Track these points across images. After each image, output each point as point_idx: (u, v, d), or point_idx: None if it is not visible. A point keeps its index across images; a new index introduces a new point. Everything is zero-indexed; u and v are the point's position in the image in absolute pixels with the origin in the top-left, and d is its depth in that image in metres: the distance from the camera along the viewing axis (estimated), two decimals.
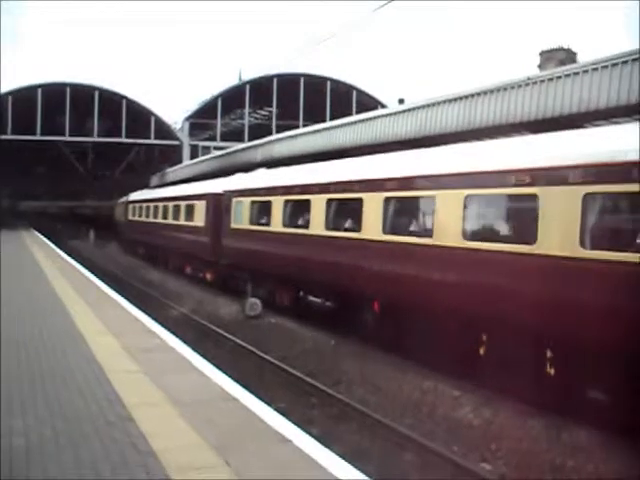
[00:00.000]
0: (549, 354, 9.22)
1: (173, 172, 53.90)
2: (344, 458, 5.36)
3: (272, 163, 27.89)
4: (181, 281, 26.65)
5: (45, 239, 40.62)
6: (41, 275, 18.69)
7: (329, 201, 14.82)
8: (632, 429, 7.79)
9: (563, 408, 8.94)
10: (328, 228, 14.74)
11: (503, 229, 10.36)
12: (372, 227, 12.93)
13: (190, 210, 26.35)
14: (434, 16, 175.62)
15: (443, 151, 12.99)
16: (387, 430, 8.82)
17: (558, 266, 8.79)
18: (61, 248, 33.02)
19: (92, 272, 21.04)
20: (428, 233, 11.44)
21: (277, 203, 17.37)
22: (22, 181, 68.44)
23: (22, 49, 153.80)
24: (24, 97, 54.11)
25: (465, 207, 10.57)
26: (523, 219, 10.09)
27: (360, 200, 13.38)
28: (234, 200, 20.64)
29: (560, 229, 8.87)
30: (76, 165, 65.89)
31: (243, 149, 39.77)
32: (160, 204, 32.40)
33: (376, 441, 8.55)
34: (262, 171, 22.46)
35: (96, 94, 56.99)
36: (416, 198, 12.41)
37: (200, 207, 24.87)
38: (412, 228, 12.37)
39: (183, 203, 27.76)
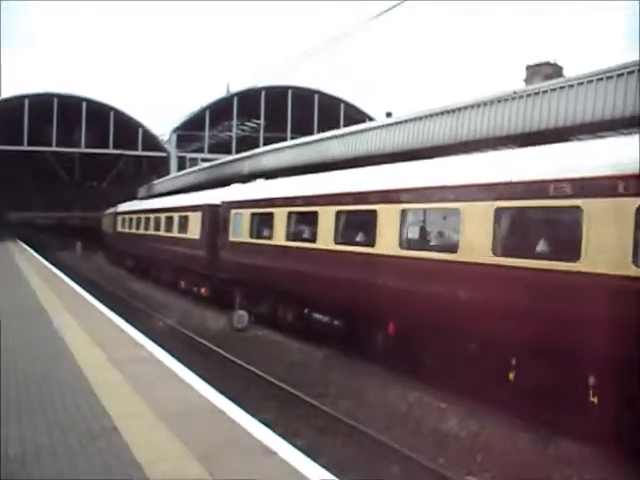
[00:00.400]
0: (592, 382, 8.52)
1: (161, 183, 53.84)
2: (329, 470, 5.35)
3: (260, 175, 27.90)
4: (170, 294, 26.41)
5: (32, 250, 40.33)
6: (27, 287, 18.55)
7: (338, 213, 13.88)
8: None
9: (609, 440, 8.06)
10: (337, 242, 13.79)
11: (540, 244, 9.36)
12: (388, 241, 12.03)
13: (184, 222, 25.39)
14: (420, 31, 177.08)
15: (468, 160, 12.29)
16: (373, 442, 8.81)
17: (607, 286, 8.05)
18: (48, 259, 32.78)
19: (79, 284, 20.89)
20: (452, 248, 10.60)
21: (280, 215, 16.41)
22: (8, 192, 68.01)
23: (16, 59, 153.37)
24: (11, 107, 53.96)
25: (495, 220, 9.78)
26: (564, 234, 9.33)
27: (374, 212, 12.50)
28: (233, 212, 19.73)
29: (609, 245, 8.13)
30: (63, 176, 65.66)
31: (231, 161, 39.85)
32: (151, 215, 31.48)
33: (362, 453, 8.52)
34: (261, 182, 21.91)
35: (84, 105, 56.95)
36: (438, 210, 11.51)
37: (195, 219, 23.93)
38: (433, 243, 11.62)
39: (176, 214, 26.81)
